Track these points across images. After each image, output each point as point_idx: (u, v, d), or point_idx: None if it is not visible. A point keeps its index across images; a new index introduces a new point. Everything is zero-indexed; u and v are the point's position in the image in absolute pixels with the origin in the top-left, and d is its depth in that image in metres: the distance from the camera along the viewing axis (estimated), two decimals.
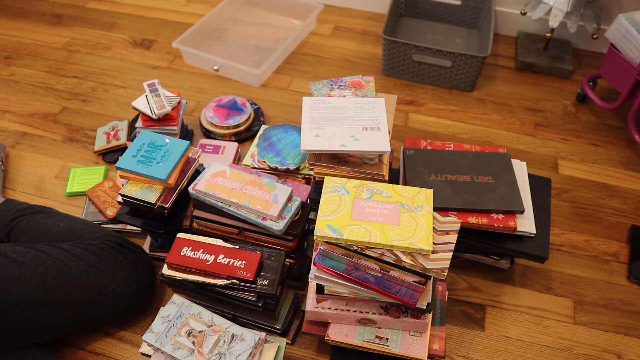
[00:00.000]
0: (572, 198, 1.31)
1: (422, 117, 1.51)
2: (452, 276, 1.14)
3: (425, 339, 0.90)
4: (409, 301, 0.81)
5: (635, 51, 1.31)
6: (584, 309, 1.11)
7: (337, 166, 0.97)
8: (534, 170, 1.34)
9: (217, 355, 0.87)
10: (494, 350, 1.04)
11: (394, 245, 0.76)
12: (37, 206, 1.12)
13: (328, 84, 1.08)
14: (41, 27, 1.78)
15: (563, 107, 1.56)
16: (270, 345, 0.95)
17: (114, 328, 1.05)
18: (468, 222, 1.00)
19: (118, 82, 1.59)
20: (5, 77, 1.59)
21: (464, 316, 1.09)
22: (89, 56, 1.67)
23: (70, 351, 1.02)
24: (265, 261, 0.93)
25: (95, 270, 0.95)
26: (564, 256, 1.19)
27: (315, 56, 1.70)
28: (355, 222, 0.78)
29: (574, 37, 1.72)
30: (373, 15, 1.87)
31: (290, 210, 0.93)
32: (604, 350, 1.05)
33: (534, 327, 1.08)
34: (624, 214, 1.28)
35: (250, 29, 1.79)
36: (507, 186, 1.04)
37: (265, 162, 1.07)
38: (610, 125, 1.50)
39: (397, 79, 1.62)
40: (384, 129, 0.97)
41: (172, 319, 0.91)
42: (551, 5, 1.50)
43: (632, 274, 1.15)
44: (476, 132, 1.47)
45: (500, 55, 1.73)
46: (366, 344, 0.89)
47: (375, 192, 0.82)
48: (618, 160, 1.41)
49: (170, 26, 1.80)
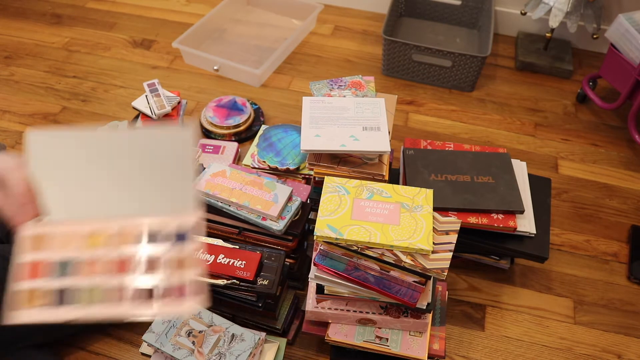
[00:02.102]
0: (572, 198, 1.31)
1: (422, 117, 1.51)
2: (452, 276, 1.14)
3: (425, 339, 0.90)
4: (409, 301, 0.81)
5: (635, 51, 1.31)
6: (584, 309, 1.11)
7: (337, 166, 0.97)
8: (534, 170, 1.34)
9: (217, 355, 0.87)
10: (494, 350, 1.04)
11: (394, 245, 0.76)
12: None
13: (328, 84, 1.08)
14: (41, 27, 1.78)
15: (563, 107, 1.56)
16: (270, 345, 0.95)
17: (114, 328, 1.05)
18: (468, 222, 1.00)
19: (118, 82, 1.59)
20: (5, 77, 1.59)
21: (464, 316, 1.09)
22: (89, 56, 1.67)
23: (70, 351, 1.02)
24: (265, 261, 0.93)
25: None
26: (564, 256, 1.19)
27: (315, 56, 1.70)
28: (355, 222, 0.78)
29: (574, 37, 1.72)
30: (373, 15, 1.87)
31: (290, 210, 0.93)
32: (604, 350, 1.05)
33: (534, 327, 1.08)
34: (624, 214, 1.28)
35: (250, 29, 1.79)
36: (507, 186, 1.04)
37: (265, 162, 1.07)
38: (610, 125, 1.50)
39: (397, 79, 1.62)
40: (384, 129, 0.97)
41: (172, 319, 0.91)
42: (551, 5, 1.50)
43: (632, 274, 1.15)
44: (476, 132, 1.47)
45: (500, 55, 1.73)
46: (366, 344, 0.90)
47: (375, 192, 0.82)
48: (618, 160, 1.41)
49: (170, 26, 1.80)
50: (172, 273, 0.60)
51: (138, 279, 0.60)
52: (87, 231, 0.63)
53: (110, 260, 0.61)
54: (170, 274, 0.60)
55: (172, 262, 0.61)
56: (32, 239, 0.62)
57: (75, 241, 0.62)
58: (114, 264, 0.61)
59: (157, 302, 0.59)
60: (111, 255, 0.61)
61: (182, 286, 0.60)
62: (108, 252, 0.61)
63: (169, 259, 0.61)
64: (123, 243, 0.62)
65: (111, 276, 0.60)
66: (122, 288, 0.59)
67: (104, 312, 0.58)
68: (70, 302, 0.58)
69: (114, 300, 0.59)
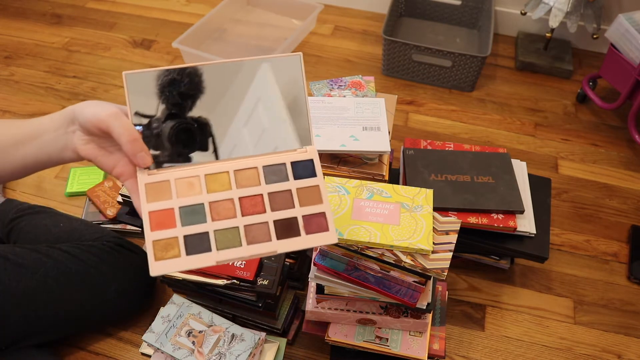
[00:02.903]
0: (572, 198, 1.31)
1: (422, 117, 1.51)
2: (452, 276, 1.14)
3: (425, 339, 0.90)
4: (409, 301, 0.81)
5: (635, 51, 1.31)
6: (584, 309, 1.11)
7: (337, 166, 0.97)
8: (534, 170, 1.34)
9: (217, 355, 0.87)
10: (494, 350, 1.04)
11: (394, 245, 0.76)
12: (37, 206, 1.12)
13: (328, 84, 1.08)
14: (41, 27, 1.78)
15: (563, 107, 1.56)
16: (270, 345, 0.95)
17: (114, 328, 1.05)
18: (468, 222, 1.00)
19: (118, 82, 1.59)
20: (5, 77, 1.59)
21: (464, 316, 1.09)
22: (89, 56, 1.67)
23: (70, 351, 1.02)
24: (265, 261, 0.93)
25: (95, 271, 0.95)
26: (564, 256, 1.19)
27: (315, 56, 1.70)
28: (355, 222, 0.78)
29: (574, 37, 1.72)
30: (373, 15, 1.87)
31: None
32: (604, 350, 1.05)
33: (534, 327, 1.08)
34: (624, 214, 1.28)
35: (250, 29, 1.79)
36: (507, 186, 1.04)
37: None
38: (610, 125, 1.50)
39: (397, 79, 1.62)
40: (384, 129, 0.97)
41: (172, 319, 0.91)
42: (551, 5, 1.50)
43: (632, 274, 1.15)
44: (476, 132, 1.47)
45: (500, 55, 1.73)
46: (366, 344, 0.90)
47: (375, 192, 0.82)
48: (618, 160, 1.41)
49: (170, 26, 1.80)
50: (302, 206, 0.59)
51: (272, 215, 0.58)
52: (205, 175, 0.60)
53: (237, 201, 0.59)
54: (305, 207, 0.59)
55: (302, 194, 0.60)
56: (151, 188, 0.58)
57: (195, 187, 0.59)
58: (244, 204, 0.59)
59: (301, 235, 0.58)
60: (237, 196, 0.59)
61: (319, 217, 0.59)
62: (233, 193, 0.59)
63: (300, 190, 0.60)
64: (245, 184, 0.60)
65: (251, 215, 0.58)
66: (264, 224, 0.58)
67: (253, 252, 0.57)
68: (218, 246, 0.56)
69: (259, 240, 0.57)
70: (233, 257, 0.57)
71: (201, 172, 0.60)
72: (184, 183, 0.60)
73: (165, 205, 0.58)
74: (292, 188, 0.61)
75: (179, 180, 0.59)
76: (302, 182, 0.61)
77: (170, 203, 0.58)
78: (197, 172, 0.60)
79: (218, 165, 0.61)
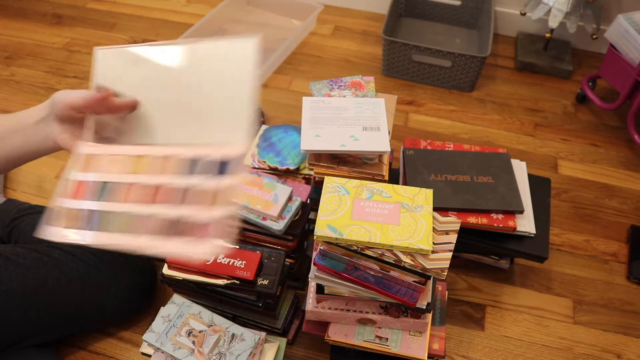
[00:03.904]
0: (572, 198, 1.31)
1: (422, 117, 1.51)
2: (452, 276, 1.15)
3: (425, 339, 0.90)
4: (409, 301, 0.81)
5: (634, 51, 1.31)
6: (583, 308, 1.11)
7: (337, 166, 0.97)
8: (534, 170, 1.34)
9: (217, 355, 0.87)
10: (494, 350, 1.04)
11: (394, 245, 0.76)
12: (38, 206, 1.12)
13: (328, 84, 1.08)
14: (41, 27, 1.78)
15: (563, 107, 1.56)
16: (270, 345, 0.96)
17: (114, 328, 1.05)
18: (468, 222, 1.00)
19: None
20: (5, 77, 1.59)
21: (464, 316, 1.09)
22: (89, 56, 1.67)
23: (71, 351, 1.02)
24: (265, 261, 0.93)
25: (96, 271, 0.96)
26: (564, 256, 1.20)
27: (316, 56, 1.70)
28: (355, 222, 0.78)
29: (574, 37, 1.73)
30: (373, 15, 1.87)
31: (290, 210, 0.93)
32: (603, 350, 1.05)
33: (533, 327, 1.08)
34: (623, 214, 1.28)
35: (250, 29, 1.79)
36: (507, 186, 1.04)
37: (265, 162, 1.07)
38: (610, 125, 1.51)
39: (397, 79, 1.62)
40: (384, 129, 0.97)
41: (172, 319, 0.91)
42: (551, 5, 1.50)
43: (631, 273, 1.15)
44: (476, 132, 1.47)
45: (500, 55, 1.73)
46: (366, 344, 0.90)
47: (375, 192, 0.82)
48: (618, 160, 1.41)
49: (170, 26, 1.80)
50: (201, 208, 0.54)
51: (165, 210, 0.54)
52: (134, 156, 0.58)
53: (145, 187, 0.56)
54: (200, 208, 0.54)
55: (204, 195, 0.55)
56: (84, 159, 0.58)
57: (119, 165, 0.58)
58: (149, 192, 0.56)
59: (175, 239, 0.53)
60: (148, 182, 0.56)
61: (207, 224, 0.53)
62: (146, 178, 0.57)
63: (201, 191, 0.55)
64: (165, 170, 0.57)
65: (143, 204, 0.55)
66: (149, 218, 0.54)
67: (123, 242, 0.53)
68: (100, 227, 0.54)
69: (137, 231, 0.54)
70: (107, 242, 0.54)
71: (134, 151, 0.59)
72: (111, 160, 0.59)
73: (86, 177, 0.58)
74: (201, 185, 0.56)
75: (109, 156, 0.59)
76: (215, 181, 0.56)
77: (88, 176, 0.58)
78: (130, 152, 0.59)
79: (154, 149, 0.59)
